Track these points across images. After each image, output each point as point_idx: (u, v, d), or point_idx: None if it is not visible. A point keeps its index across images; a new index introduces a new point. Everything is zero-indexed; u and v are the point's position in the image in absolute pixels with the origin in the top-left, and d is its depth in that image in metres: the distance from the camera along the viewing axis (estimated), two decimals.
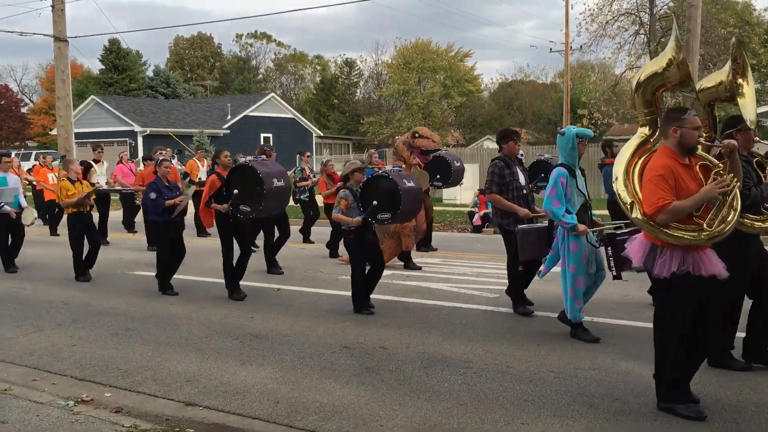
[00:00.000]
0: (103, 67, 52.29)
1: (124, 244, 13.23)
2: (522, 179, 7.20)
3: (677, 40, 4.50)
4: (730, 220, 4.18)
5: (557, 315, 6.44)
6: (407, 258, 10.13)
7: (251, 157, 8.65)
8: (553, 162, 8.90)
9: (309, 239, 12.82)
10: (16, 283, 9.41)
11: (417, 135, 10.66)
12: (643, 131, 4.63)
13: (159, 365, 5.63)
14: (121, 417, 4.52)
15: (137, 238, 13.62)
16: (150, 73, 55.70)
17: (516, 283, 7.19)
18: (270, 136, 41.27)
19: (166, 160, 9.09)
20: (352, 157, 36.47)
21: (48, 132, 46.68)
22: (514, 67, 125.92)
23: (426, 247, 11.73)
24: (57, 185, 10.73)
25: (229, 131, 39.93)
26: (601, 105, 31.82)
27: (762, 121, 20.88)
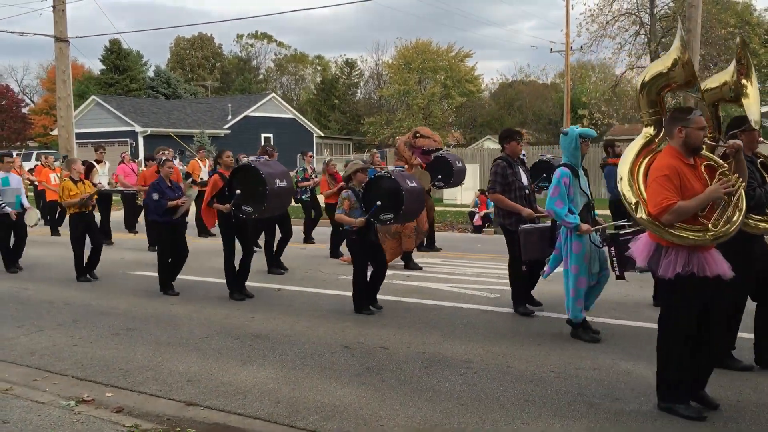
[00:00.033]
0: (103, 67, 52.40)
1: (126, 244, 13.23)
2: (524, 179, 7.20)
3: (682, 40, 4.45)
4: (735, 220, 4.16)
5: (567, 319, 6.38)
6: (408, 258, 10.13)
7: (254, 158, 8.64)
8: (554, 162, 8.89)
9: (311, 239, 12.81)
10: (18, 283, 9.41)
11: (418, 135, 10.65)
12: (647, 131, 4.59)
13: (160, 365, 5.62)
14: (122, 417, 4.52)
15: (138, 239, 13.62)
16: (151, 73, 55.77)
17: (517, 283, 7.18)
18: (270, 136, 41.29)
19: (169, 160, 9.06)
20: (353, 158, 36.43)
21: (49, 132, 46.70)
22: (515, 68, 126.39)
23: (430, 247, 11.73)
24: (59, 185, 10.71)
25: (229, 131, 39.96)
26: (602, 105, 31.79)
27: (765, 122, 20.83)
